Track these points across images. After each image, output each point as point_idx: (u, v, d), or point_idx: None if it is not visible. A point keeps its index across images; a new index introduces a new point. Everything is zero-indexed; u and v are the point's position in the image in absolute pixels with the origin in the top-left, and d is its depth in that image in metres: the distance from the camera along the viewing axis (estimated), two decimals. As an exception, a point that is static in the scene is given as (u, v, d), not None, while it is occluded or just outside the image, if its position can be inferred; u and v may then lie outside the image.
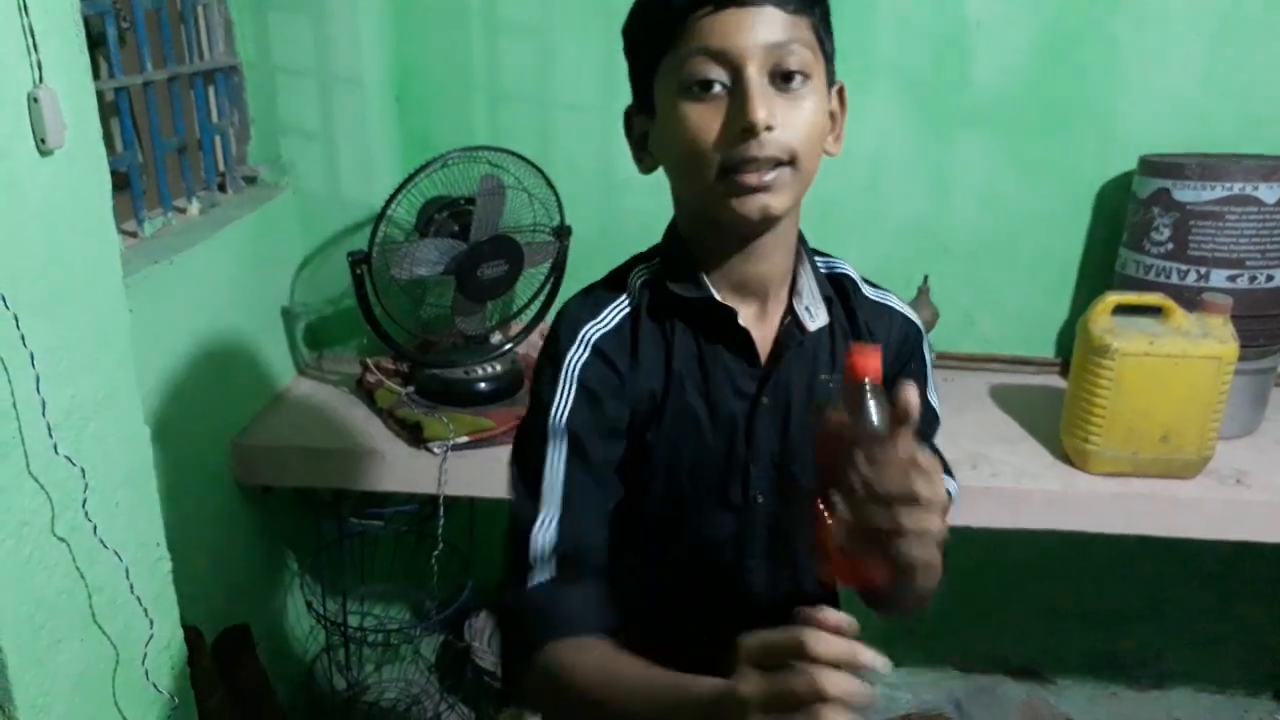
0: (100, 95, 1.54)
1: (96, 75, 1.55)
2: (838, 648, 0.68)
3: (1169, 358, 1.69)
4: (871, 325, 1.04)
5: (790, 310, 1.00)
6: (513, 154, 1.88)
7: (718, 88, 0.86)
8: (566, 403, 0.93)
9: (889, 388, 0.81)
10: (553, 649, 0.87)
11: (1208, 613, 2.46)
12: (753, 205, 0.88)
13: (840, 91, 0.96)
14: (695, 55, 0.86)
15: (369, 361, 2.11)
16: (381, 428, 1.95)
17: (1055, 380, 2.20)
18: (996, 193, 2.18)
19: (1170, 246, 1.91)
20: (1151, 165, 1.96)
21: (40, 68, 1.08)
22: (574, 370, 0.94)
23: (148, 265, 1.61)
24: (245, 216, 1.94)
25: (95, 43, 1.62)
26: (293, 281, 2.17)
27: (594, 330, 0.96)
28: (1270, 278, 1.87)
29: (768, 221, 0.91)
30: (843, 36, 0.95)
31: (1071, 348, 1.83)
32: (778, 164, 0.87)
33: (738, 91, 0.85)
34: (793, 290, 1.01)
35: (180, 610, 1.43)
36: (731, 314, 0.96)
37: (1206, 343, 1.68)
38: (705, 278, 0.97)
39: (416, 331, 2.00)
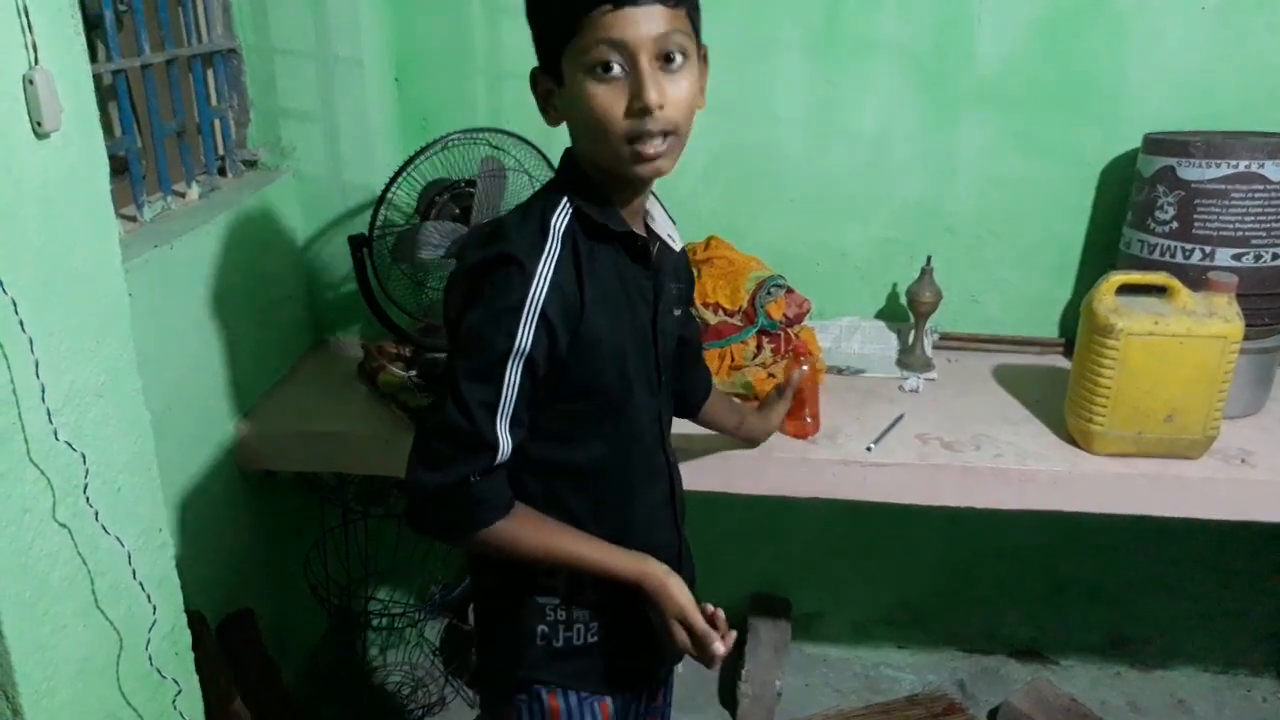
0: (98, 78, 1.53)
1: (94, 58, 1.54)
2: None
3: (1174, 337, 1.68)
4: (677, 237, 1.29)
5: (648, 229, 1.23)
6: (513, 136, 1.87)
7: (616, 69, 1.04)
8: (530, 331, 1.09)
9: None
10: (495, 525, 1.15)
11: (1212, 593, 2.46)
12: (649, 169, 1.09)
13: (705, 56, 1.15)
14: (598, 44, 1.04)
15: (371, 345, 2.11)
16: (384, 412, 1.94)
17: (1059, 360, 2.19)
18: (1000, 172, 2.16)
19: (1175, 225, 1.90)
20: (1156, 143, 1.94)
21: (35, 49, 1.07)
22: (537, 304, 1.09)
23: (148, 250, 1.60)
24: (245, 200, 1.93)
25: (92, 25, 1.61)
26: (294, 266, 2.16)
27: (546, 266, 1.11)
28: (1276, 256, 1.86)
29: (656, 177, 1.14)
30: (846, 16, 0.95)
31: (1076, 328, 1.82)
32: (665, 134, 1.07)
33: (634, 76, 1.04)
34: (645, 215, 1.24)
35: (184, 595, 1.43)
36: (646, 244, 1.21)
37: (1211, 322, 1.67)
38: (598, 210, 1.16)
39: (418, 315, 1.99)
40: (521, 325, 1.09)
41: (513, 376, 1.10)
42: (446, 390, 1.13)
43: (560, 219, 1.14)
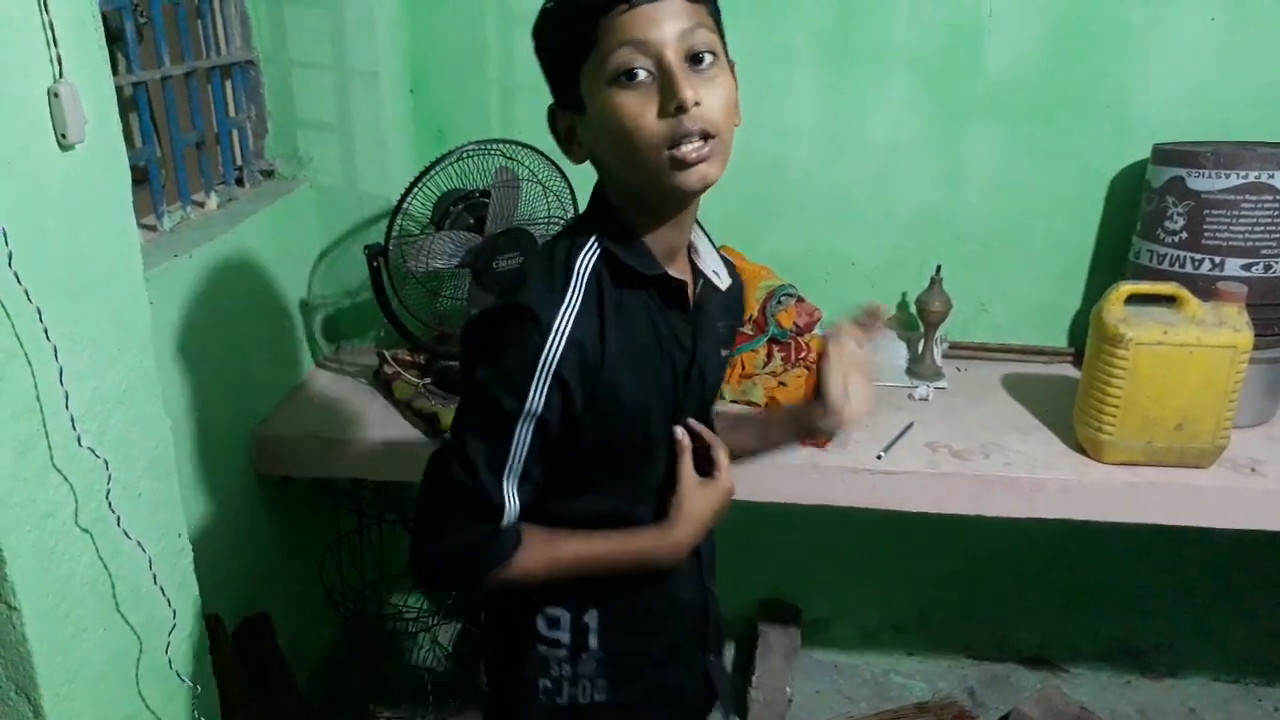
0: (119, 90, 1.55)
1: (115, 71, 1.56)
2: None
3: (1183, 347, 1.68)
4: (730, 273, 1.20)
5: (695, 268, 1.14)
6: (527, 146, 1.89)
7: (643, 74, 0.95)
8: (542, 393, 1.00)
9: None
10: (504, 566, 1.06)
11: (1222, 601, 2.45)
12: (694, 176, 0.97)
13: (733, 68, 1.04)
14: (619, 48, 0.95)
15: (386, 354, 2.13)
16: (399, 419, 1.96)
17: (1069, 370, 2.20)
18: (1009, 181, 2.17)
19: (1184, 235, 1.91)
20: (1165, 154, 1.95)
21: (60, 63, 1.10)
22: (551, 364, 1.00)
23: (167, 259, 1.63)
24: (263, 210, 1.96)
25: (113, 38, 1.63)
26: (310, 274, 2.18)
27: (564, 322, 1.01)
28: (1286, 266, 1.87)
29: (704, 189, 1.01)
30: (857, 26, 0.96)
31: (1085, 337, 1.83)
32: (706, 136, 0.96)
33: (663, 77, 0.94)
34: (690, 249, 1.14)
35: (202, 599, 1.45)
36: (683, 286, 1.10)
37: (1221, 332, 1.68)
38: (627, 249, 1.06)
39: (433, 323, 2.01)
40: (533, 386, 1.00)
41: (522, 435, 1.02)
42: (452, 442, 1.05)
43: (586, 262, 1.04)
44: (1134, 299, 1.75)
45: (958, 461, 1.82)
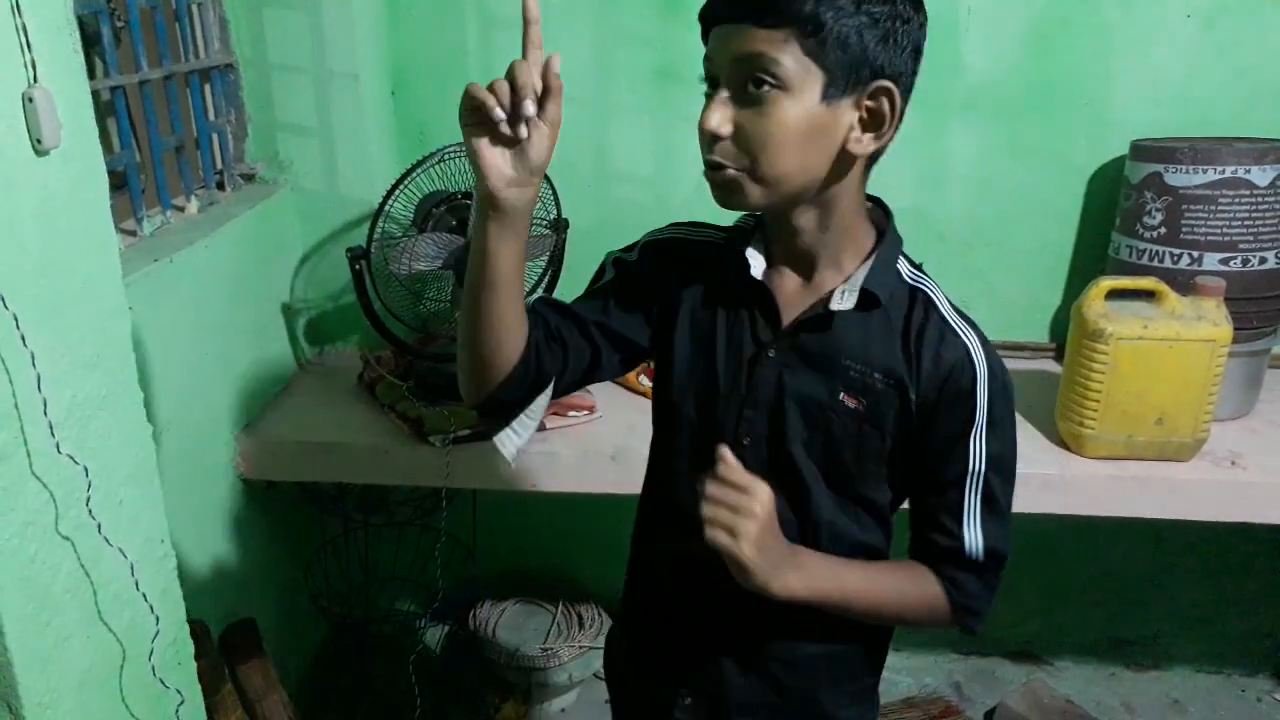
0: (96, 95, 1.55)
1: (92, 75, 1.56)
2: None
3: (1163, 341, 1.70)
4: (926, 343, 1.05)
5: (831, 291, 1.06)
6: (508, 147, 1.88)
7: (712, 86, 0.98)
8: (628, 255, 1.16)
9: (925, 416, 1.04)
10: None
11: (1205, 593, 2.47)
12: (720, 197, 1.00)
13: (886, 93, 0.99)
14: (705, 60, 0.99)
15: (370, 356, 2.13)
16: (383, 422, 1.96)
17: (1050, 365, 2.21)
18: (989, 179, 2.18)
19: (1163, 230, 1.92)
20: (1143, 150, 1.96)
21: (34, 67, 1.09)
22: (649, 242, 1.16)
23: (147, 264, 1.62)
24: (244, 214, 1.95)
25: (90, 42, 1.63)
26: (293, 278, 2.18)
27: (676, 232, 1.16)
28: (1263, 260, 1.88)
29: (740, 210, 1.03)
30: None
31: (1066, 333, 1.84)
32: (733, 170, 0.97)
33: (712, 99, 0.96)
34: (850, 278, 1.06)
35: (186, 606, 1.44)
36: (744, 263, 1.07)
37: (1200, 326, 1.69)
38: (764, 241, 1.09)
39: (417, 326, 2.01)
40: (633, 247, 1.19)
41: (603, 280, 1.19)
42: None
43: (745, 221, 1.14)
44: (1114, 294, 1.76)
45: (941, 458, 1.82)
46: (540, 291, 2.08)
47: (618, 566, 1.32)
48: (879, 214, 1.11)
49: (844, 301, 1.04)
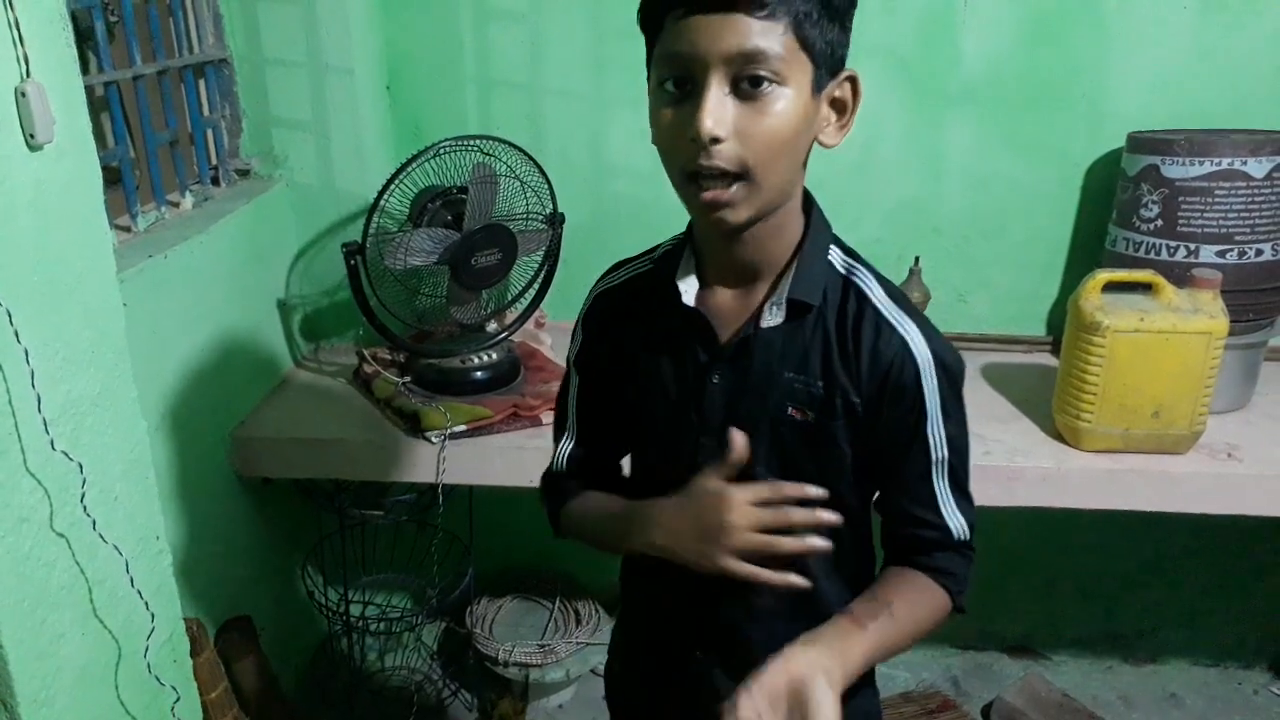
0: (90, 90, 1.54)
1: (85, 70, 1.55)
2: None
3: (1159, 334, 1.69)
4: (862, 341, 0.99)
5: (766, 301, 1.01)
6: (504, 142, 1.88)
7: (684, 89, 0.87)
8: (577, 345, 1.14)
9: (872, 414, 0.99)
10: (564, 511, 1.16)
11: (1202, 587, 2.48)
12: (714, 218, 0.91)
13: (852, 81, 0.96)
14: (665, 57, 0.88)
15: (366, 352, 2.12)
16: (379, 418, 1.96)
17: (1047, 358, 2.21)
18: (986, 172, 2.18)
19: (1159, 223, 1.92)
20: (1140, 142, 1.96)
21: (27, 62, 1.08)
22: (581, 318, 1.13)
23: (142, 259, 1.61)
24: (239, 209, 1.94)
25: (83, 37, 1.62)
26: (288, 273, 2.17)
27: (601, 286, 1.13)
28: (1259, 252, 1.88)
29: (731, 230, 0.94)
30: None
31: (1063, 326, 1.83)
32: (731, 176, 0.87)
33: (696, 99, 0.86)
34: (779, 282, 1.00)
35: (182, 603, 1.44)
36: (676, 294, 1.02)
37: (1196, 318, 1.69)
38: (695, 258, 1.03)
39: (412, 321, 2.01)
40: (574, 334, 1.15)
41: (573, 391, 1.17)
42: None
43: (662, 248, 1.09)
44: (1111, 287, 1.76)
45: (938, 451, 1.82)
46: (536, 288, 2.08)
47: (614, 563, 1.31)
48: (802, 198, 1.03)
49: (773, 317, 0.99)
